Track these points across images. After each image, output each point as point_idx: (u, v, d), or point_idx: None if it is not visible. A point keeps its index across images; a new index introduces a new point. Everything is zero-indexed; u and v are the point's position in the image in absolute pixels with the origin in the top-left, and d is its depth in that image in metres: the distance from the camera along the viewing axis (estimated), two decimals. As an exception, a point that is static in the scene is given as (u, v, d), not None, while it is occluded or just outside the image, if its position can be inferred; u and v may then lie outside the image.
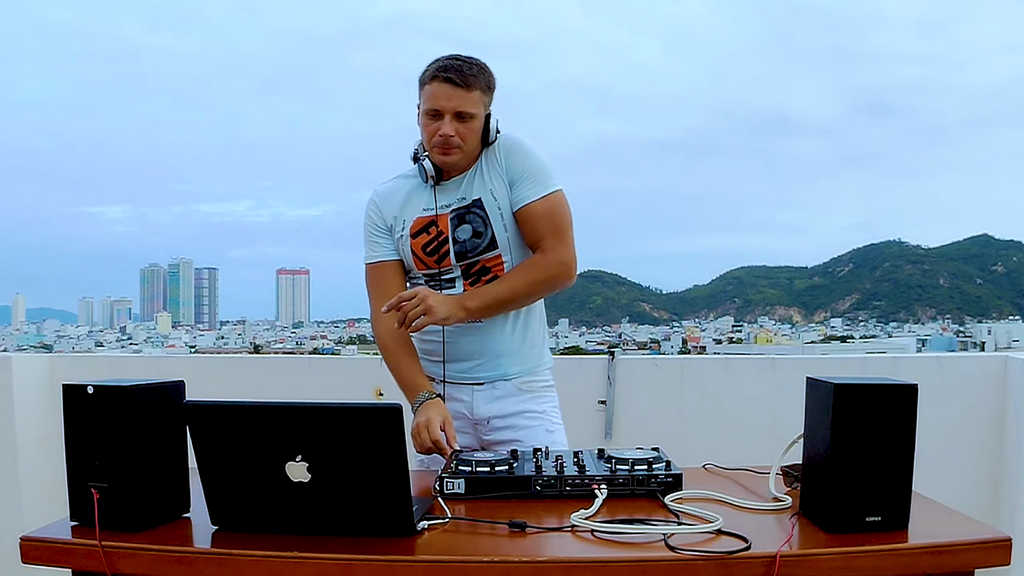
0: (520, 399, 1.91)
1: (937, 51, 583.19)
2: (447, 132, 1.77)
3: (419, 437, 1.73)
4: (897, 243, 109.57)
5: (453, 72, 1.77)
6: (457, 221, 1.85)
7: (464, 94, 1.77)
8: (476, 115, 1.80)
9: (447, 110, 1.77)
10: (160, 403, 1.31)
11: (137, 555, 1.22)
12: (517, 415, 1.90)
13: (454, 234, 1.85)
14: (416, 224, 1.88)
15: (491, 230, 1.84)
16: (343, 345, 59.52)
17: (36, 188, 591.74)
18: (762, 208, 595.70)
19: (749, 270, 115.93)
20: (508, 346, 1.89)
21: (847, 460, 1.24)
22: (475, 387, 1.90)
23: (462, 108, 1.77)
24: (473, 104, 1.78)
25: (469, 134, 1.80)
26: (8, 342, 68.32)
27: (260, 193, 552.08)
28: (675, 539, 1.19)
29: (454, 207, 1.86)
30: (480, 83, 1.80)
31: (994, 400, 2.82)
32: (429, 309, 1.73)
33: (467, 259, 1.86)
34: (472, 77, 1.78)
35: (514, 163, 1.84)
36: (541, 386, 1.95)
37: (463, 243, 1.85)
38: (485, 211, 1.84)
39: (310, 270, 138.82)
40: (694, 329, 68.72)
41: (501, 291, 1.83)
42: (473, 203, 1.85)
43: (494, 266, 1.86)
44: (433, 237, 1.86)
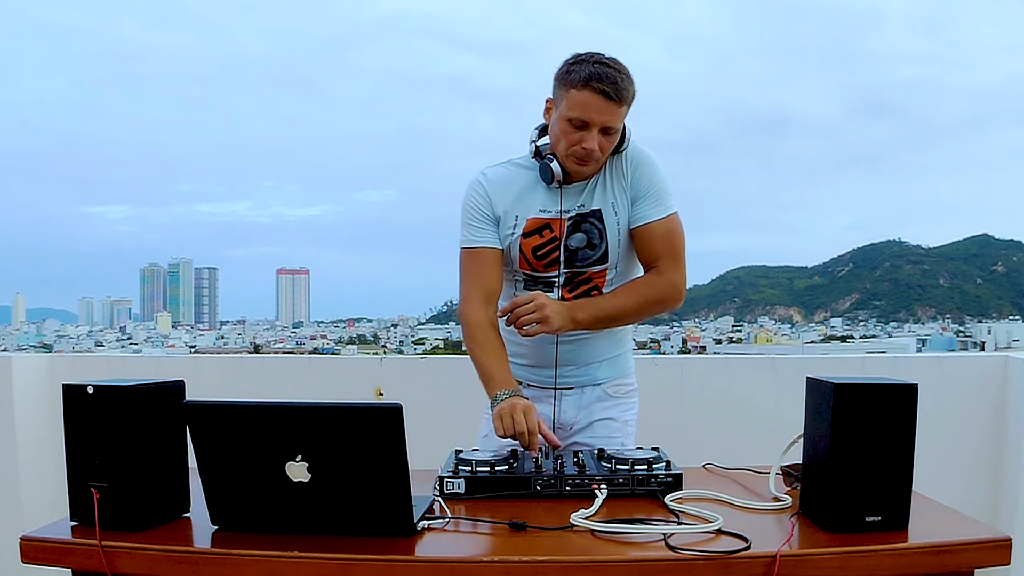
0: (605, 404, 1.90)
1: (937, 51, 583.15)
2: (591, 147, 1.70)
3: (512, 417, 1.63)
4: (897, 243, 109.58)
5: (609, 84, 1.67)
6: (572, 228, 1.80)
7: (615, 109, 1.69)
8: (619, 130, 1.74)
9: (596, 124, 1.69)
10: (160, 403, 1.32)
11: (137, 555, 1.22)
12: (599, 422, 1.89)
13: (567, 241, 1.80)
14: (530, 224, 1.81)
15: (606, 243, 1.80)
16: (343, 345, 59.53)
17: (36, 188, 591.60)
18: (762, 208, 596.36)
19: (749, 270, 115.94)
20: (601, 355, 1.88)
21: (847, 460, 1.24)
22: (562, 392, 1.88)
23: (611, 124, 1.70)
24: (620, 119, 1.72)
25: (609, 147, 1.74)
26: (8, 342, 68.33)
27: (260, 193, 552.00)
28: (675, 539, 1.19)
29: (573, 214, 1.80)
30: (629, 96, 1.71)
31: (994, 400, 2.81)
32: (546, 319, 1.70)
33: (574, 267, 1.82)
34: (625, 91, 1.69)
35: (640, 178, 1.80)
36: (626, 391, 1.94)
37: (574, 252, 1.80)
38: (603, 223, 1.79)
39: (310, 270, 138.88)
40: (694, 329, 68.72)
41: (612, 307, 1.80)
42: (592, 212, 1.80)
43: (597, 278, 1.83)
44: (546, 241, 1.81)
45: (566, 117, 1.71)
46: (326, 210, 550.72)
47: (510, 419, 1.63)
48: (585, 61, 1.70)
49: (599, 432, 1.88)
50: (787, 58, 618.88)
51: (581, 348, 1.87)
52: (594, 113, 1.68)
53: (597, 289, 1.83)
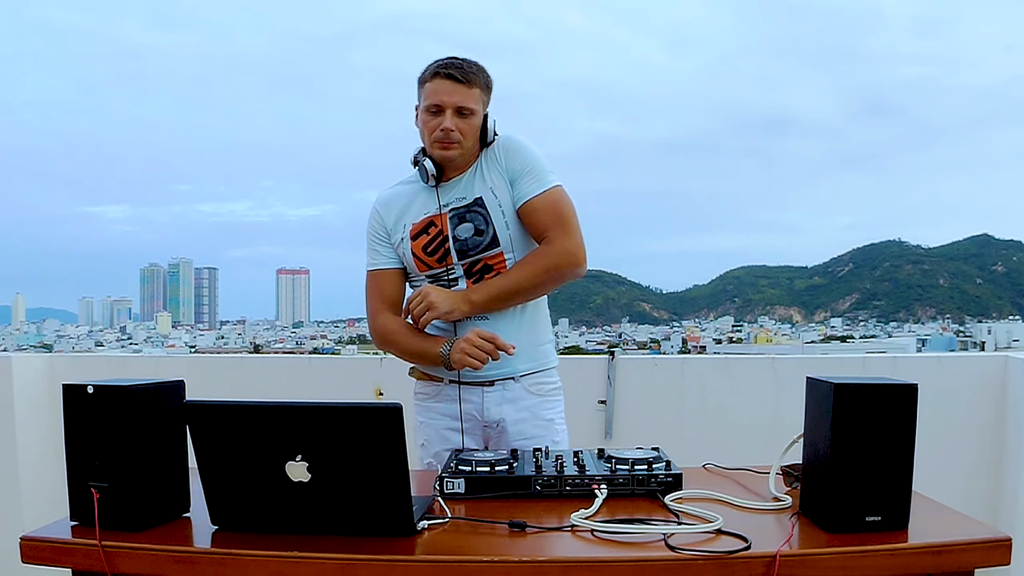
0: (529, 403, 1.91)
1: (937, 51, 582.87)
2: (448, 126, 1.81)
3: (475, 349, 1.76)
4: (897, 243, 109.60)
5: (454, 69, 1.81)
6: (457, 220, 1.87)
7: (465, 90, 1.81)
8: (476, 111, 1.84)
9: (448, 105, 1.81)
10: (160, 403, 1.31)
11: (137, 555, 1.22)
12: (525, 421, 1.90)
13: (454, 232, 1.86)
14: (415, 227, 1.90)
15: (492, 227, 1.85)
16: (343, 345, 59.53)
17: (36, 188, 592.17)
18: (762, 208, 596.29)
19: (749, 270, 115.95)
20: (517, 342, 1.87)
21: (847, 460, 1.24)
22: (485, 388, 1.89)
23: (463, 103, 1.81)
24: (473, 100, 1.83)
25: (469, 130, 1.83)
26: (8, 342, 68.33)
27: (260, 193, 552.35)
28: (675, 539, 1.19)
29: (453, 206, 1.88)
30: (480, 81, 1.85)
31: (994, 400, 2.81)
32: (431, 304, 1.78)
33: (469, 257, 1.87)
34: (472, 74, 1.83)
35: (514, 161, 1.87)
36: (549, 388, 1.95)
37: (464, 241, 1.86)
38: (486, 209, 1.86)
39: (310, 270, 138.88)
40: (694, 329, 68.74)
41: (506, 283, 1.85)
42: (474, 202, 1.86)
43: (496, 264, 1.87)
44: (433, 237, 1.88)
45: (424, 108, 1.84)
46: (326, 210, 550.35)
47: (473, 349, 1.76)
48: (436, 61, 1.86)
49: (528, 432, 1.89)
50: (787, 58, 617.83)
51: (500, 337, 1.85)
52: (444, 95, 1.81)
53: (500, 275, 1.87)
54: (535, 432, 1.89)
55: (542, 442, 1.84)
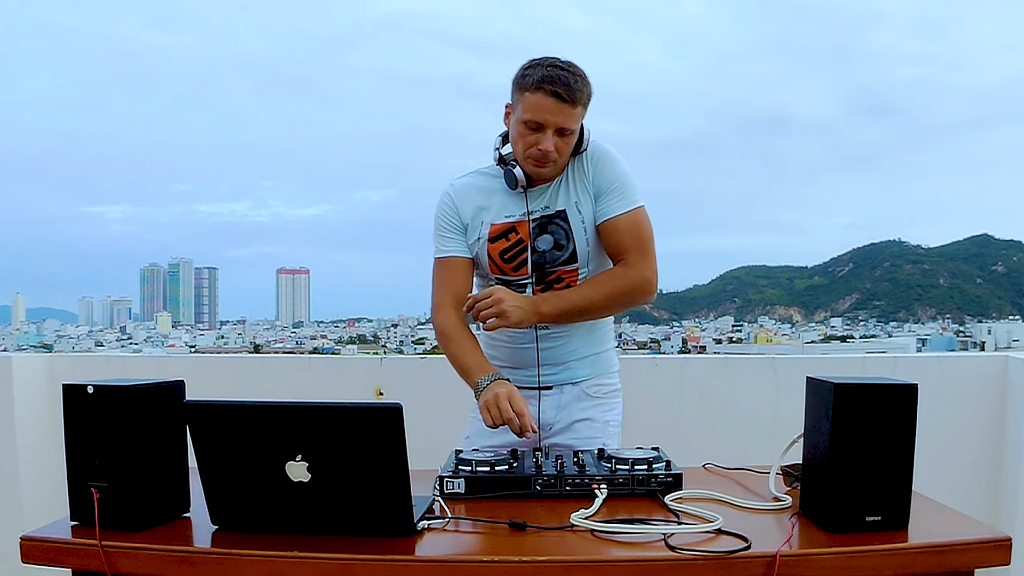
0: (586, 404, 1.89)
1: (936, 51, 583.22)
2: (547, 148, 1.72)
3: (498, 407, 1.65)
4: (897, 243, 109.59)
5: (561, 86, 1.69)
6: (539, 230, 1.82)
7: (569, 110, 1.71)
8: (576, 131, 1.76)
9: (550, 125, 1.72)
10: (160, 403, 1.32)
11: (137, 555, 1.22)
12: (580, 422, 1.88)
13: (534, 243, 1.82)
14: (495, 229, 1.84)
15: (573, 243, 1.81)
16: (343, 345, 59.55)
17: (36, 188, 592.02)
18: (762, 208, 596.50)
19: (749, 270, 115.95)
20: (579, 352, 1.88)
21: (847, 460, 1.24)
22: (543, 391, 1.87)
23: (565, 124, 1.72)
24: (576, 120, 1.74)
25: (566, 148, 1.76)
26: (8, 342, 68.35)
27: (260, 193, 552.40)
28: (675, 539, 1.19)
29: (537, 216, 1.82)
30: (584, 97, 1.74)
31: (994, 400, 2.81)
32: (503, 312, 1.71)
33: (544, 269, 1.83)
34: (578, 92, 1.72)
35: (602, 174, 1.81)
36: (608, 391, 1.93)
37: (543, 253, 1.82)
38: (568, 223, 1.81)
39: (310, 270, 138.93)
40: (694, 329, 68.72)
41: (578, 299, 1.80)
42: (557, 214, 1.82)
43: (569, 277, 1.84)
44: (512, 244, 1.83)
45: (522, 120, 1.74)
46: (326, 210, 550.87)
47: (496, 409, 1.65)
48: (539, 65, 1.74)
49: (580, 433, 1.87)
50: (787, 58, 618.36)
51: (558, 346, 1.87)
52: (548, 114, 1.71)
53: (569, 288, 1.84)
54: (591, 434, 1.87)
55: (593, 444, 1.79)
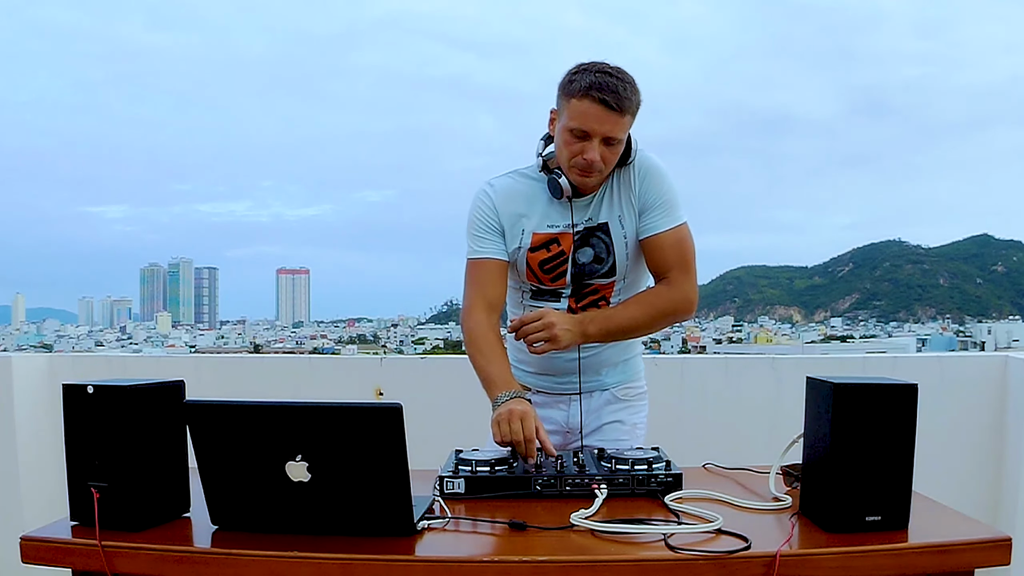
0: (615, 407, 1.90)
1: (936, 51, 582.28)
2: (592, 158, 1.67)
3: (509, 425, 1.57)
4: (897, 243, 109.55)
5: (609, 94, 1.63)
6: (580, 243, 1.79)
7: (617, 119, 1.65)
8: (623, 140, 1.70)
9: (597, 134, 1.65)
10: (160, 403, 1.32)
11: (137, 555, 1.22)
12: (609, 424, 1.88)
13: (575, 255, 1.79)
14: (537, 239, 1.80)
15: (613, 257, 1.79)
16: (343, 345, 59.55)
17: (36, 188, 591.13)
18: (762, 208, 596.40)
19: (749, 270, 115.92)
20: (610, 360, 1.87)
21: (847, 460, 1.24)
22: (572, 397, 1.87)
23: (612, 133, 1.66)
24: (623, 129, 1.68)
25: (612, 158, 1.71)
26: (8, 342, 68.33)
27: (259, 193, 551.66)
28: (675, 539, 1.19)
29: (580, 228, 1.78)
30: (633, 106, 1.68)
31: (994, 400, 2.81)
32: (555, 337, 1.68)
33: (582, 281, 1.81)
34: (627, 100, 1.65)
35: (649, 189, 1.77)
36: (636, 393, 1.94)
37: (582, 266, 1.79)
38: (610, 237, 1.78)
39: (310, 270, 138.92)
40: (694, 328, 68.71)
41: (624, 320, 1.77)
42: (599, 227, 1.78)
43: (605, 290, 1.82)
44: (554, 255, 1.79)
45: (567, 127, 1.68)
46: (326, 210, 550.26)
47: (507, 426, 1.58)
48: (587, 70, 1.67)
49: (608, 435, 1.87)
50: (786, 58, 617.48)
51: (593, 355, 1.86)
52: (595, 123, 1.64)
53: (605, 300, 1.82)
54: (618, 436, 1.87)
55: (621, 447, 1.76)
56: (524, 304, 1.87)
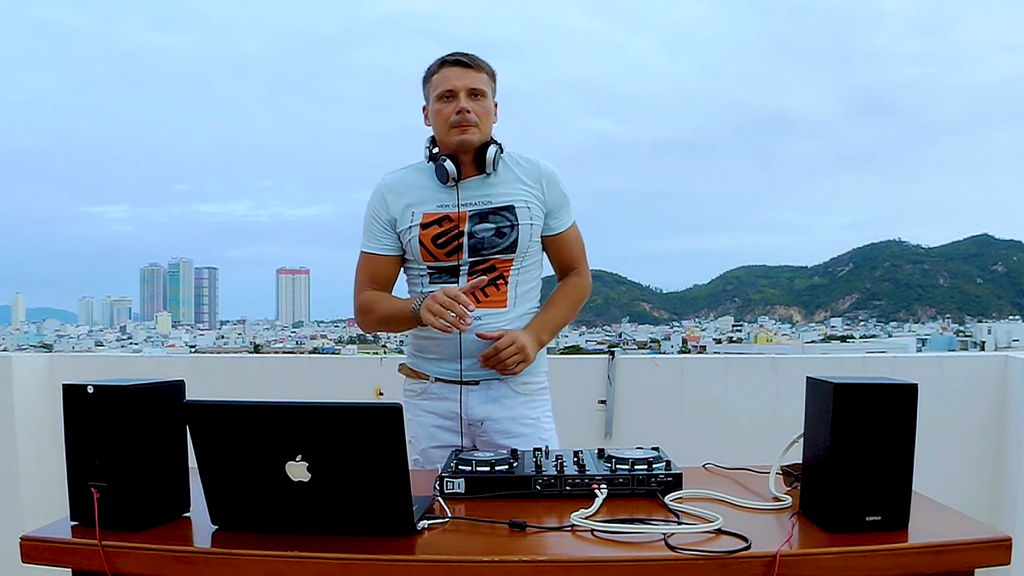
0: (515, 402, 1.92)
1: (936, 51, 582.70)
2: (464, 107, 1.84)
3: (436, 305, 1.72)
4: (897, 243, 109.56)
5: (461, 55, 1.88)
6: (478, 219, 1.88)
7: (474, 74, 1.88)
8: (487, 94, 1.90)
9: (460, 88, 1.85)
10: (160, 403, 1.31)
11: (137, 555, 1.22)
12: (511, 420, 1.91)
13: (471, 229, 1.87)
14: (427, 216, 1.89)
15: (517, 235, 1.88)
16: (343, 345, 59.56)
17: (36, 188, 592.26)
18: (762, 208, 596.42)
19: (749, 270, 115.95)
20: None
21: (847, 460, 1.24)
22: (469, 387, 1.90)
23: (474, 85, 1.87)
24: (483, 83, 1.89)
25: (483, 112, 1.88)
26: (8, 342, 68.32)
27: (259, 193, 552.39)
28: (675, 539, 1.19)
29: (475, 206, 1.88)
30: (486, 67, 1.91)
31: (994, 400, 2.81)
32: (527, 357, 1.84)
33: (480, 255, 1.87)
34: (479, 61, 1.90)
35: (554, 194, 1.94)
36: (536, 388, 1.96)
37: (481, 239, 1.87)
38: (516, 218, 1.89)
39: (310, 270, 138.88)
40: (694, 329, 68.72)
41: (561, 319, 1.97)
42: (504, 207, 1.89)
43: (502, 268, 1.89)
44: (446, 230, 1.88)
45: (436, 97, 1.88)
46: (325, 210, 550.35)
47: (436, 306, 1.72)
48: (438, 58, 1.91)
49: (514, 430, 1.90)
50: (786, 58, 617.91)
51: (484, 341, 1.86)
52: (455, 80, 1.86)
53: (502, 278, 1.89)
54: (521, 431, 1.90)
55: (528, 441, 1.85)
56: (424, 292, 1.90)
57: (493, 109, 1.92)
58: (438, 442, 1.89)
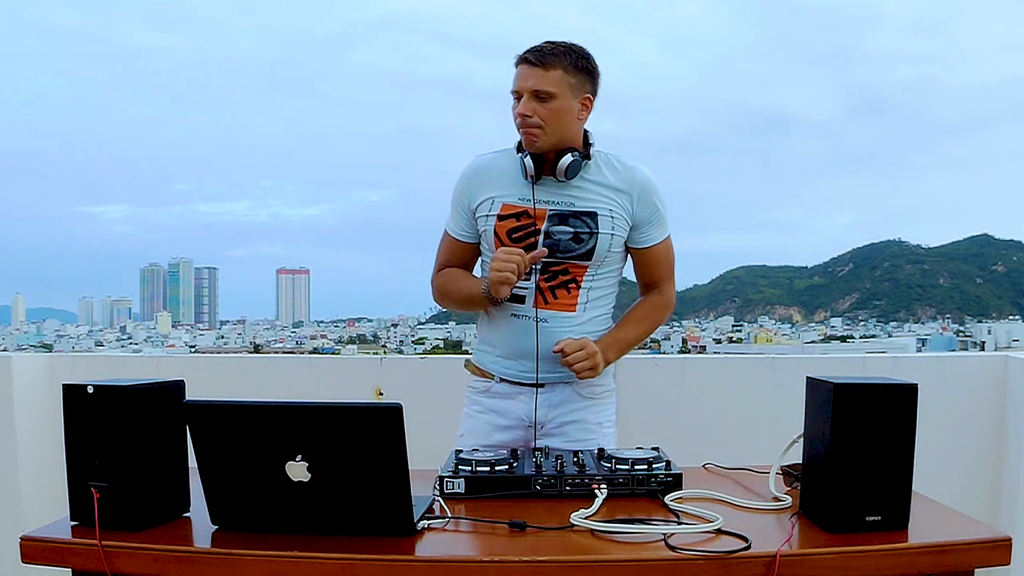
0: (578, 406, 1.88)
1: (935, 50, 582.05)
2: (523, 111, 1.76)
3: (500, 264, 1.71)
4: (897, 243, 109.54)
5: (531, 52, 1.77)
6: (557, 220, 1.82)
7: (541, 73, 1.75)
8: (555, 95, 1.76)
9: (524, 90, 1.77)
10: (160, 403, 1.32)
11: (137, 555, 1.22)
12: (572, 424, 1.87)
13: (549, 229, 1.82)
14: (505, 208, 1.84)
15: (595, 243, 1.82)
16: (343, 345, 59.56)
17: (36, 188, 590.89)
18: (762, 208, 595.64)
19: (749, 270, 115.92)
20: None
21: (847, 460, 1.24)
22: (537, 389, 1.86)
23: (539, 87, 1.75)
24: (551, 83, 1.75)
25: (549, 115, 1.76)
26: (8, 342, 68.33)
27: (259, 193, 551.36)
28: (675, 539, 1.19)
29: (556, 208, 1.82)
30: (562, 63, 1.76)
31: (994, 400, 2.81)
32: (597, 367, 1.79)
33: (555, 256, 1.82)
34: (552, 56, 1.76)
35: (648, 205, 1.86)
36: (602, 391, 1.92)
37: (557, 241, 1.81)
38: (598, 225, 1.82)
39: (310, 269, 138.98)
40: (694, 328, 68.71)
41: (633, 339, 1.92)
42: (586, 212, 1.82)
43: (576, 272, 1.84)
44: (523, 225, 1.83)
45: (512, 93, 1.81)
46: (325, 210, 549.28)
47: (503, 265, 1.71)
48: None
49: (572, 435, 1.86)
50: (785, 58, 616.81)
51: (552, 339, 1.83)
52: (521, 81, 1.77)
53: (575, 283, 1.85)
54: (582, 436, 1.86)
55: (589, 445, 1.80)
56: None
57: (574, 108, 1.79)
58: (491, 441, 1.84)
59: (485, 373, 1.92)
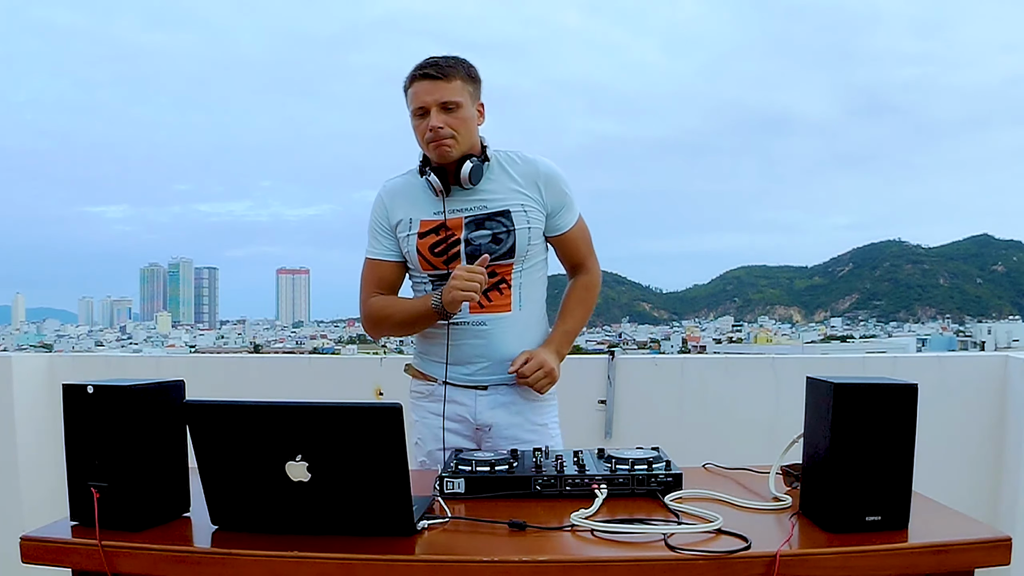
0: (522, 407, 1.91)
1: (935, 51, 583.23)
2: (435, 124, 1.79)
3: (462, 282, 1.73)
4: (897, 243, 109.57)
5: (429, 67, 1.80)
6: (474, 226, 1.86)
7: (444, 85, 1.79)
8: (461, 104, 1.81)
9: (431, 104, 1.79)
10: (160, 403, 1.32)
11: (137, 555, 1.22)
12: (518, 426, 1.90)
13: (468, 236, 1.85)
14: (424, 225, 1.88)
15: (514, 240, 1.85)
16: (343, 345, 59.55)
17: (36, 188, 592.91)
18: (761, 208, 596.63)
19: (749, 270, 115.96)
20: (513, 349, 1.88)
21: (847, 460, 1.24)
22: (478, 391, 1.90)
23: (444, 98, 1.79)
24: (455, 93, 1.80)
25: (459, 124, 1.81)
26: (8, 342, 68.33)
27: (259, 193, 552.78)
28: (675, 539, 1.19)
29: (470, 213, 1.86)
30: (459, 73, 1.82)
31: (994, 400, 2.81)
32: (552, 376, 1.86)
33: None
34: (449, 68, 1.81)
35: (555, 194, 1.90)
36: (545, 394, 1.94)
37: (477, 246, 1.84)
38: (512, 222, 1.85)
39: (310, 269, 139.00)
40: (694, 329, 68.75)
41: (577, 327, 1.98)
42: (499, 212, 1.86)
43: (503, 271, 1.87)
44: (443, 238, 1.86)
45: (412, 115, 1.84)
46: (325, 210, 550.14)
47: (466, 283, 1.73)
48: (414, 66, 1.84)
49: (520, 436, 1.89)
50: (785, 58, 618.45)
51: (491, 341, 1.87)
52: (425, 95, 1.80)
53: (504, 282, 1.88)
54: (527, 436, 1.89)
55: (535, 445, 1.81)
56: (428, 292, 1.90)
57: (475, 115, 1.85)
58: (448, 444, 1.87)
59: (428, 376, 1.95)
